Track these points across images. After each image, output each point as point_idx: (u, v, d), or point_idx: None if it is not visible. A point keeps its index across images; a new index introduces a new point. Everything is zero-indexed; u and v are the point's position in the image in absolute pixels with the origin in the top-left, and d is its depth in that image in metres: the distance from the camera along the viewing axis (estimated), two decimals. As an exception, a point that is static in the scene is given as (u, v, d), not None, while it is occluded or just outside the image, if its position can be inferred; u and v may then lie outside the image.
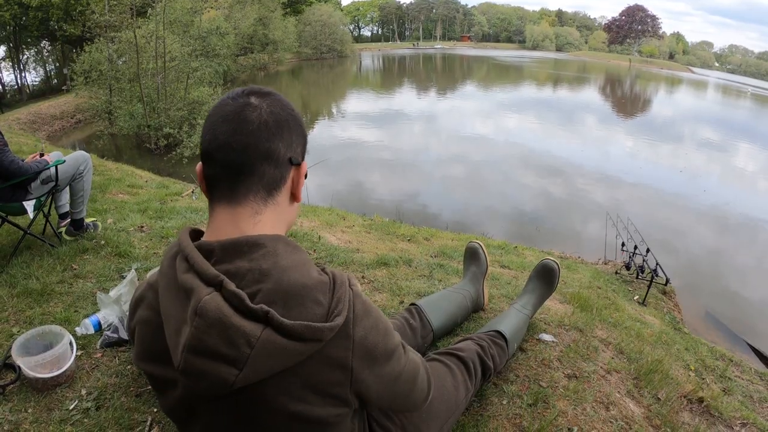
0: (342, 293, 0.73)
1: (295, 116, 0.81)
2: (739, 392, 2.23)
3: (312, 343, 0.68)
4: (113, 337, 1.85)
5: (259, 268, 0.70)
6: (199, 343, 0.66)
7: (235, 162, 0.74)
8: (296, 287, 0.70)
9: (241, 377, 0.66)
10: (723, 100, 39.37)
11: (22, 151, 6.33)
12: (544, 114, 19.87)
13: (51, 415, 1.51)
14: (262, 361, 0.66)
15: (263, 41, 32.96)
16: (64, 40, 22.31)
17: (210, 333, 0.65)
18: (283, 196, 0.80)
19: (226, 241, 0.73)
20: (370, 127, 15.58)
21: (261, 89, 0.80)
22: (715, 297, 5.74)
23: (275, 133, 0.76)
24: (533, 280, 1.96)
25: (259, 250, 0.72)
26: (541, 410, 1.56)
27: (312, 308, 0.70)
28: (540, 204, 8.96)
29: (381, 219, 5.06)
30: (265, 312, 0.65)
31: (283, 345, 0.65)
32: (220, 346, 0.65)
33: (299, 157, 0.81)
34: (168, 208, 3.83)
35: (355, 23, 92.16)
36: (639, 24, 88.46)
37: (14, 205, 2.55)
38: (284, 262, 0.72)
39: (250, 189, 0.76)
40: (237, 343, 0.65)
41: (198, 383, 0.68)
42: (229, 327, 0.64)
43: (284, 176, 0.79)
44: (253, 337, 0.64)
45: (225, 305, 0.66)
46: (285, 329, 0.65)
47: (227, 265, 0.71)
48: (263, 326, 0.65)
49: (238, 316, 0.65)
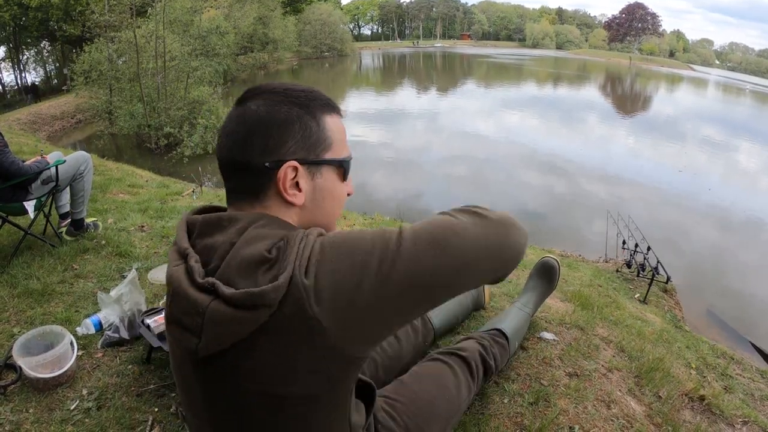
0: (290, 251, 0.67)
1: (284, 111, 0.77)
2: (741, 390, 2.23)
3: (262, 309, 0.64)
4: (114, 336, 1.85)
5: (230, 241, 0.72)
6: (169, 312, 0.74)
7: (223, 169, 0.81)
8: (252, 257, 0.68)
9: (202, 345, 0.68)
10: (723, 97, 39.34)
11: (23, 152, 6.34)
12: (545, 112, 19.84)
13: (52, 415, 1.51)
14: (214, 329, 0.67)
15: (263, 40, 32.95)
16: (63, 40, 22.31)
17: (174, 302, 0.72)
18: (272, 200, 0.78)
19: (207, 216, 0.78)
20: (371, 126, 15.58)
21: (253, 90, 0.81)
22: (716, 295, 5.73)
23: (243, 141, 0.77)
24: (533, 278, 1.96)
25: (236, 224, 0.74)
26: (543, 409, 1.56)
27: (264, 276, 0.67)
28: (540, 202, 8.95)
29: (381, 218, 5.06)
30: (211, 284, 0.67)
31: (230, 314, 0.66)
32: (180, 315, 0.71)
33: (286, 157, 0.76)
34: (168, 207, 3.83)
35: (355, 22, 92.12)
36: (639, 22, 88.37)
37: (15, 205, 2.56)
38: (251, 234, 0.72)
39: (236, 196, 0.80)
40: (191, 312, 0.68)
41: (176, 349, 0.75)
42: (185, 297, 0.69)
43: (264, 183, 0.77)
44: (202, 307, 0.67)
45: (184, 277, 0.70)
46: (228, 299, 0.66)
47: (207, 238, 0.75)
48: (212, 297, 0.67)
49: (192, 288, 0.69)
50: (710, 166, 13.47)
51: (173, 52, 12.92)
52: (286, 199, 0.77)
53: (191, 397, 0.81)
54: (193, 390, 0.78)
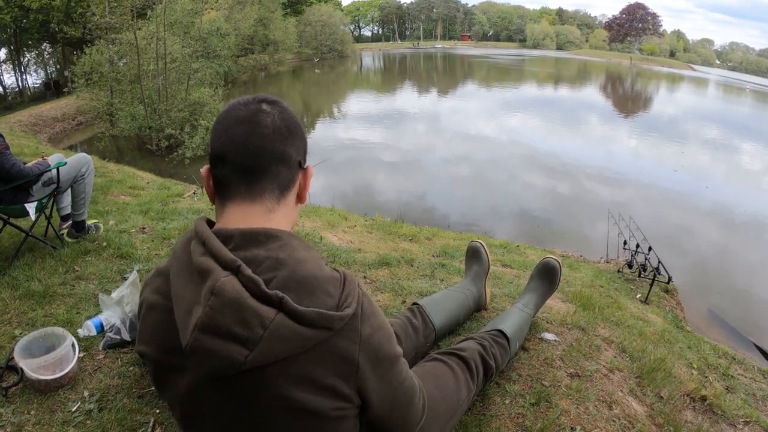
0: (351, 289, 0.77)
1: (299, 124, 0.86)
2: (742, 390, 2.23)
3: (322, 331, 0.71)
4: (115, 338, 1.85)
5: (276, 257, 0.74)
6: (211, 322, 0.67)
7: (250, 162, 0.79)
8: (309, 277, 0.74)
9: (251, 358, 0.68)
10: (724, 97, 39.32)
11: (24, 154, 6.35)
12: (545, 113, 19.85)
13: (53, 417, 1.51)
14: (273, 343, 0.68)
15: (264, 42, 32.99)
16: (64, 42, 22.34)
17: (224, 312, 0.67)
18: (291, 196, 0.86)
19: (245, 229, 0.77)
20: (371, 127, 15.58)
21: (269, 97, 0.85)
22: (718, 295, 5.72)
23: (287, 137, 0.82)
24: (535, 279, 1.96)
25: (276, 241, 0.77)
26: (544, 409, 1.56)
27: (323, 298, 0.73)
28: (541, 202, 8.95)
29: (382, 219, 5.06)
30: (280, 297, 0.69)
31: (294, 329, 0.69)
32: (233, 326, 0.67)
33: (305, 162, 0.87)
34: (170, 209, 3.84)
35: (356, 23, 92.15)
36: (640, 22, 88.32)
37: (16, 207, 2.56)
38: (299, 255, 0.76)
39: (266, 188, 0.81)
40: (251, 323, 0.67)
41: (205, 362, 0.70)
42: (245, 308, 0.67)
43: (294, 178, 0.85)
44: (267, 319, 0.68)
45: (242, 288, 0.69)
46: (298, 315, 0.68)
47: (244, 252, 0.74)
48: (277, 310, 0.69)
49: (254, 299, 0.68)
50: (711, 166, 13.46)
51: (174, 53, 12.94)
52: (303, 195, 0.88)
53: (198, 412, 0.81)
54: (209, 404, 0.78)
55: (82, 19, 14.64)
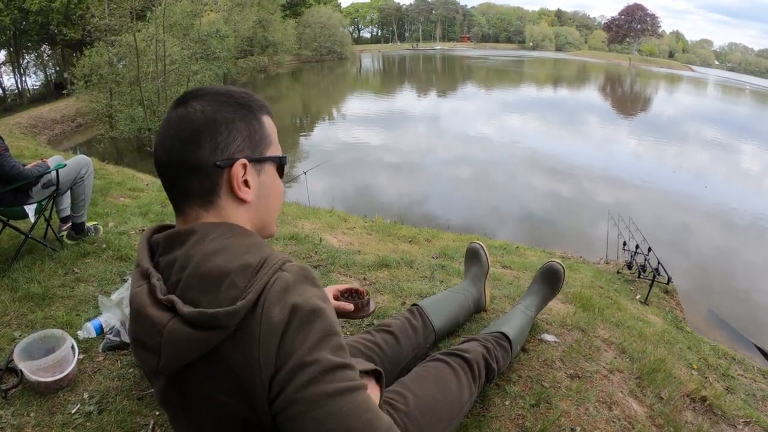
0: (261, 275, 0.66)
1: (229, 111, 0.77)
2: (742, 391, 2.23)
3: (217, 331, 0.63)
4: (115, 340, 1.85)
5: (187, 254, 0.71)
6: (131, 332, 0.72)
7: (167, 176, 0.77)
8: (213, 271, 0.67)
9: (162, 364, 0.68)
10: (723, 97, 39.37)
11: (23, 156, 6.34)
12: (544, 114, 19.87)
13: (53, 419, 1.51)
14: (173, 348, 0.66)
15: (263, 43, 33.01)
16: (64, 44, 22.34)
17: (135, 323, 0.71)
18: (224, 201, 0.77)
19: (169, 232, 0.76)
20: (371, 129, 15.58)
21: (192, 93, 0.79)
22: (717, 295, 5.73)
23: (192, 141, 0.74)
24: (537, 281, 1.96)
25: (193, 236, 0.73)
26: (544, 410, 1.56)
27: (225, 293, 0.65)
28: (541, 204, 8.95)
29: (382, 220, 5.06)
30: (171, 302, 0.66)
31: (187, 333, 0.64)
32: (141, 335, 0.69)
33: (236, 154, 0.76)
34: (169, 211, 3.83)
35: (355, 25, 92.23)
36: (638, 23, 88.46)
37: (16, 209, 2.56)
38: (210, 247, 0.70)
39: (185, 201, 0.77)
40: (150, 332, 0.67)
41: (143, 369, 0.75)
42: (144, 317, 0.68)
43: (215, 183, 0.76)
44: (161, 326, 0.66)
45: (145, 297, 0.69)
46: (185, 318, 0.64)
47: (168, 255, 0.74)
48: (171, 315, 0.66)
49: (153, 307, 0.68)
50: (710, 166, 13.47)
51: (173, 55, 12.97)
52: (237, 196, 0.77)
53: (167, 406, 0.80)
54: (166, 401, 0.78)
55: (81, 21, 14.64)
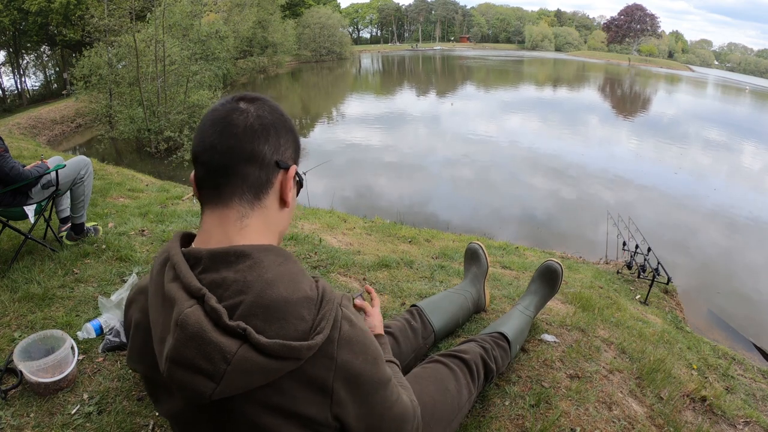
0: (328, 311, 0.71)
1: (284, 120, 0.81)
2: (742, 391, 2.23)
3: (289, 362, 0.67)
4: (115, 341, 1.85)
5: (244, 279, 0.70)
6: (178, 355, 0.66)
7: (218, 164, 0.76)
8: (279, 302, 0.69)
9: (218, 391, 0.66)
10: (723, 97, 39.41)
11: (23, 156, 6.35)
12: (544, 114, 19.89)
13: (53, 420, 1.51)
14: (238, 376, 0.66)
15: (262, 44, 33.00)
16: (63, 44, 22.35)
17: (189, 346, 0.65)
18: (270, 199, 0.80)
19: (215, 250, 0.73)
20: (370, 130, 15.59)
21: (250, 95, 0.81)
22: (717, 296, 5.73)
23: (260, 135, 0.77)
24: (536, 281, 1.96)
25: (246, 260, 0.72)
26: (544, 411, 1.56)
27: (294, 324, 0.68)
28: (540, 204, 8.95)
29: (382, 221, 5.06)
30: (243, 329, 0.65)
31: (259, 362, 0.65)
32: (197, 360, 0.65)
33: (289, 161, 0.81)
34: (169, 211, 3.83)
35: (354, 25, 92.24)
36: (638, 23, 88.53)
37: (15, 209, 2.56)
38: (269, 275, 0.71)
39: (235, 192, 0.76)
40: (214, 358, 0.65)
41: (179, 392, 0.69)
42: (207, 342, 0.65)
43: (270, 179, 0.79)
44: (230, 354, 0.64)
45: (205, 320, 0.66)
46: (261, 347, 0.65)
47: (213, 274, 0.71)
48: (240, 342, 0.65)
49: (217, 332, 0.65)
50: (711, 168, 13.48)
51: (173, 56, 12.96)
52: (285, 198, 0.81)
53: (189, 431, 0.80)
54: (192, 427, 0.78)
55: (81, 22, 14.65)
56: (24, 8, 20.65)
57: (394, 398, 0.84)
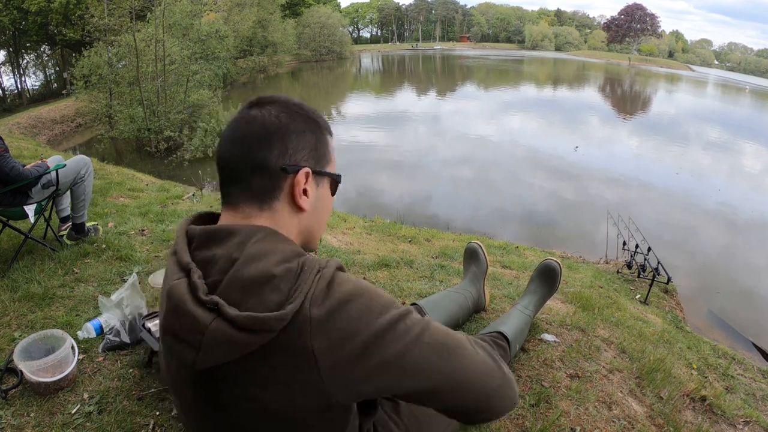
0: (304, 278, 0.69)
1: (299, 121, 0.81)
2: (742, 390, 2.23)
3: (262, 333, 0.66)
4: (115, 340, 1.85)
5: (230, 255, 0.72)
6: (167, 324, 0.72)
7: (229, 172, 0.79)
8: (257, 276, 0.69)
9: (199, 359, 0.68)
10: (723, 97, 39.41)
11: (23, 156, 6.35)
12: (544, 114, 19.89)
13: (53, 419, 1.51)
14: (214, 348, 0.67)
15: (263, 44, 32.99)
16: (63, 44, 22.37)
17: (173, 316, 0.70)
18: (281, 204, 0.80)
19: (207, 228, 0.77)
20: (370, 129, 15.57)
21: (264, 99, 0.82)
22: (717, 295, 5.73)
23: (264, 143, 0.78)
24: (535, 280, 1.96)
25: (234, 238, 0.74)
26: (544, 410, 1.56)
27: (269, 297, 0.68)
28: (541, 204, 8.95)
29: (382, 220, 5.06)
30: (215, 303, 0.67)
31: (230, 334, 0.66)
32: (179, 330, 0.69)
33: (302, 163, 0.81)
34: (169, 211, 3.83)
35: (354, 25, 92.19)
36: (638, 23, 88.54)
37: (15, 209, 2.56)
38: (252, 251, 0.72)
39: (241, 197, 0.79)
40: (191, 329, 0.68)
41: (172, 359, 0.74)
42: (185, 313, 0.68)
43: (277, 185, 0.79)
44: (203, 326, 0.67)
45: (186, 292, 0.69)
46: (231, 319, 0.66)
47: (205, 251, 0.75)
48: (214, 316, 0.67)
49: (194, 304, 0.68)
50: (713, 166, 13.48)
51: (173, 55, 12.96)
52: (296, 202, 0.81)
53: (188, 404, 0.81)
54: (188, 398, 0.79)
55: (80, 22, 14.65)
56: (24, 8, 20.66)
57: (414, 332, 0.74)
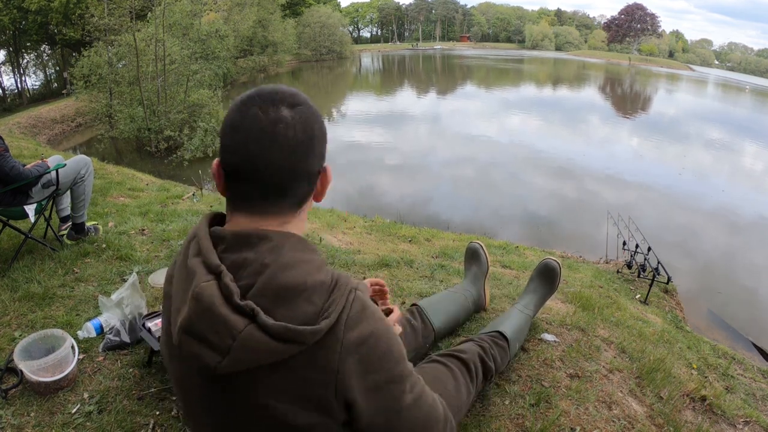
0: (338, 296, 0.71)
1: (319, 124, 0.79)
2: (742, 390, 2.23)
3: (294, 345, 0.67)
4: (115, 340, 1.85)
5: (261, 261, 0.71)
6: (190, 325, 0.69)
7: (270, 181, 0.74)
8: (291, 285, 0.70)
9: (223, 365, 0.68)
10: (724, 97, 39.40)
11: (23, 156, 6.35)
12: (544, 114, 19.88)
13: (53, 419, 1.51)
14: (243, 353, 0.67)
15: (263, 43, 32.97)
16: (63, 44, 22.35)
17: (201, 318, 0.68)
18: (308, 204, 0.82)
19: (238, 231, 0.75)
20: (371, 129, 15.57)
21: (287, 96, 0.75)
22: (717, 295, 5.73)
23: (308, 149, 0.76)
24: (534, 280, 1.96)
25: (267, 243, 0.73)
26: (544, 410, 1.56)
27: (303, 307, 0.69)
28: (541, 204, 8.95)
29: (382, 220, 5.06)
30: (251, 308, 0.67)
31: (264, 342, 0.66)
32: (207, 332, 0.68)
33: (323, 161, 0.82)
34: (169, 211, 3.84)
35: (354, 24, 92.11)
36: (638, 22, 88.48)
37: (15, 209, 2.56)
38: (285, 259, 0.72)
39: (284, 205, 0.77)
40: (221, 333, 0.67)
41: (187, 360, 0.73)
42: (216, 317, 0.67)
43: (314, 188, 0.81)
44: (236, 330, 0.66)
45: (218, 295, 0.68)
46: (267, 328, 0.66)
47: (234, 254, 0.73)
48: (248, 321, 0.67)
49: (227, 308, 0.67)
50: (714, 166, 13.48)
51: (173, 55, 12.95)
52: (319, 198, 0.84)
53: (195, 406, 0.81)
54: (199, 400, 0.79)
55: (80, 21, 14.64)
56: (24, 7, 20.61)
57: (413, 395, 0.81)
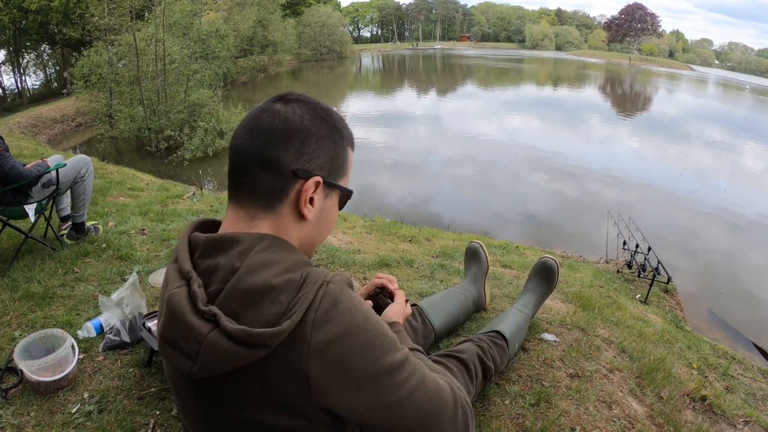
0: (305, 293, 0.67)
1: (322, 126, 0.78)
2: (742, 390, 2.23)
3: (258, 348, 0.65)
4: (115, 340, 1.85)
5: (231, 265, 0.70)
6: (165, 331, 0.70)
7: (238, 164, 0.76)
8: (257, 287, 0.67)
9: (196, 369, 0.68)
10: (724, 96, 39.40)
11: (23, 155, 6.35)
12: (544, 114, 19.87)
13: (53, 419, 1.51)
14: (210, 359, 0.67)
15: (263, 43, 32.96)
16: (63, 43, 22.35)
17: (172, 324, 0.69)
18: (285, 209, 0.77)
19: (211, 236, 0.76)
20: (371, 129, 15.57)
21: (294, 95, 0.79)
22: (717, 295, 5.73)
23: (281, 139, 0.74)
24: (533, 279, 1.96)
25: (237, 246, 0.72)
26: (544, 410, 1.56)
27: (269, 309, 0.67)
28: (541, 204, 8.94)
29: (382, 220, 5.06)
30: (213, 314, 0.66)
31: (227, 347, 0.65)
32: (177, 338, 0.68)
33: (315, 171, 0.77)
34: (169, 210, 3.84)
35: (355, 24, 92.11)
36: (638, 22, 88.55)
37: (15, 209, 2.56)
38: (254, 261, 0.70)
39: (248, 194, 0.76)
40: (188, 339, 0.67)
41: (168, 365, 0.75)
42: (183, 323, 0.67)
43: (285, 188, 0.76)
44: (201, 336, 0.66)
45: (185, 301, 0.68)
46: (228, 332, 0.65)
47: (208, 260, 0.73)
48: (212, 327, 0.66)
49: (193, 314, 0.67)
50: (714, 167, 13.47)
51: (173, 55, 12.94)
52: (300, 210, 0.77)
53: (187, 407, 0.81)
54: (189, 403, 0.79)
55: (80, 21, 14.62)
56: (24, 7, 20.63)
57: (410, 386, 0.74)
